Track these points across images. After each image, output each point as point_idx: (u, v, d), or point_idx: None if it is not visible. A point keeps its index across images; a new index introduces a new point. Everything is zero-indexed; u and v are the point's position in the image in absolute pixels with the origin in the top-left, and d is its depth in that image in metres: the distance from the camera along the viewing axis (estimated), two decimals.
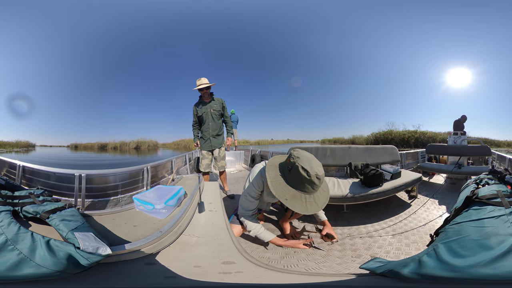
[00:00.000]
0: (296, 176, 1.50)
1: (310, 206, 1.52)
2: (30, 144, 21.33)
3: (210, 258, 1.32)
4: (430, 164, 4.68)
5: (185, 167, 5.11)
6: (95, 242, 0.99)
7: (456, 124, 5.33)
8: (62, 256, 0.86)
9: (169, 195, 1.70)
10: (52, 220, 1.05)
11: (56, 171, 2.79)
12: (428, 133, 16.48)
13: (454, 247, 0.90)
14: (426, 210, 2.87)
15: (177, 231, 1.49)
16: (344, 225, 2.51)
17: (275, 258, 1.62)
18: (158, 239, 1.30)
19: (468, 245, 0.88)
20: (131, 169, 3.37)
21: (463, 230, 0.95)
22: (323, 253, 1.78)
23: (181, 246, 1.40)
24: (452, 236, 0.95)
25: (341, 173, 3.30)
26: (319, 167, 1.49)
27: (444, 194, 3.45)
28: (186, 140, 22.19)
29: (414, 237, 2.19)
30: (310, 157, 1.53)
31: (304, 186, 1.50)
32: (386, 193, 2.64)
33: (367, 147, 3.46)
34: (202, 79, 3.32)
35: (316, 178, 1.46)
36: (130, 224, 1.47)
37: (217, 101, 3.41)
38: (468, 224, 0.97)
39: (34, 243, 0.84)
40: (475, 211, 1.02)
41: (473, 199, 1.10)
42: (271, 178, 1.58)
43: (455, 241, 0.92)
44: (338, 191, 2.60)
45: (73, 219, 1.11)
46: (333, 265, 1.54)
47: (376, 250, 1.95)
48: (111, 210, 1.78)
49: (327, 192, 1.64)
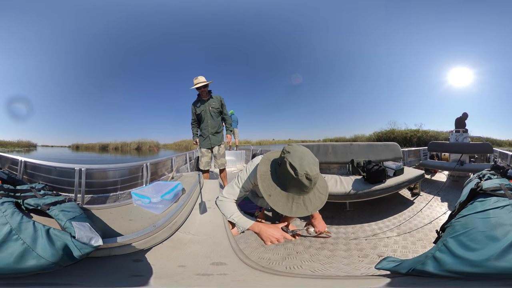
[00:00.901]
0: (284, 173, 1.31)
1: (297, 208, 1.31)
2: (32, 144, 21.36)
3: (199, 257, 1.25)
4: (432, 161, 4.67)
5: (185, 165, 5.11)
6: (89, 232, 0.99)
7: (458, 122, 5.33)
8: (59, 246, 0.86)
9: (166, 190, 1.69)
10: (52, 211, 1.07)
11: (57, 166, 2.87)
12: (430, 132, 16.41)
13: (464, 241, 0.89)
14: (429, 207, 2.85)
15: (171, 227, 1.45)
16: (347, 224, 2.48)
17: (276, 259, 1.51)
18: (151, 234, 1.28)
19: (477, 237, 0.87)
20: (130, 165, 3.40)
21: (470, 223, 0.94)
22: (328, 253, 1.69)
23: (174, 243, 1.36)
24: (459, 229, 0.94)
25: (343, 170, 3.29)
26: (311, 166, 1.27)
27: (447, 192, 3.44)
28: (187, 140, 22.16)
29: (419, 235, 2.17)
30: (303, 154, 1.32)
31: (291, 186, 1.31)
32: (390, 189, 2.62)
33: (369, 144, 3.45)
34: (199, 77, 3.32)
35: (305, 178, 1.24)
36: (126, 218, 1.45)
37: (215, 98, 3.40)
38: (474, 216, 0.96)
39: (36, 232, 0.84)
40: (480, 203, 1.01)
41: (477, 191, 1.09)
42: (261, 172, 1.42)
43: (463, 234, 0.91)
44: (341, 188, 2.58)
45: (72, 210, 1.13)
46: (340, 266, 1.42)
47: (382, 249, 1.91)
48: (109, 204, 1.77)
49: (324, 195, 1.43)
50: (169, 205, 1.65)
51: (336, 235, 2.27)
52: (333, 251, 1.76)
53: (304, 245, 1.76)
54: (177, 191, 1.81)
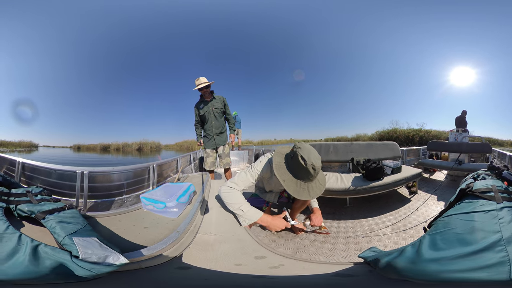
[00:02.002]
0: (295, 163, 1.63)
1: (302, 192, 1.63)
2: (33, 144, 21.38)
3: (239, 254, 1.28)
4: (431, 160, 4.71)
5: (189, 166, 5.14)
6: (101, 250, 0.86)
7: (458, 121, 5.34)
8: (48, 265, 0.76)
9: (180, 192, 1.62)
10: (48, 221, 0.95)
11: (57, 168, 2.67)
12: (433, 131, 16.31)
13: (437, 239, 0.90)
14: (425, 205, 2.94)
15: (193, 230, 1.42)
16: (347, 219, 2.64)
17: (288, 253, 1.60)
18: (178, 240, 1.20)
19: (450, 238, 0.88)
20: (135, 167, 3.28)
21: (452, 223, 0.95)
22: (330, 246, 1.84)
23: (201, 245, 1.33)
24: (440, 228, 0.95)
25: (343, 168, 3.39)
26: (316, 160, 1.61)
27: (444, 190, 3.52)
28: (188, 141, 22.23)
29: (411, 231, 2.30)
30: (310, 150, 1.65)
31: (300, 173, 1.62)
32: (387, 186, 2.74)
33: (369, 143, 3.56)
34: (201, 78, 3.29)
35: (311, 168, 1.58)
36: (140, 226, 1.35)
37: (218, 99, 3.39)
38: (457, 217, 0.96)
39: (17, 247, 0.75)
40: (467, 204, 1.01)
41: (466, 192, 1.09)
42: (276, 162, 1.71)
43: (440, 233, 0.92)
44: (341, 185, 2.71)
45: (72, 221, 1.01)
46: (339, 259, 1.68)
47: (375, 244, 2.05)
48: (116, 211, 1.69)
49: (323, 186, 1.73)
50: (183, 208, 1.61)
51: (337, 230, 2.42)
52: (334, 245, 1.91)
53: (309, 239, 1.89)
54: (191, 192, 1.78)
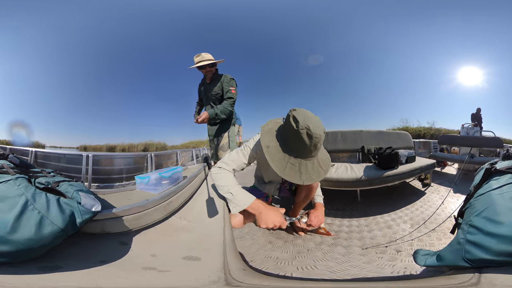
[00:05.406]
0: (286, 127, 1.20)
1: (290, 170, 1.15)
2: (40, 145, 21.70)
3: (176, 248, 1.14)
4: (442, 154, 4.67)
5: (192, 162, 5.06)
6: (93, 201, 1.13)
7: (473, 117, 5.41)
8: (68, 213, 0.93)
9: (165, 170, 1.80)
10: (61, 186, 1.17)
11: (66, 153, 3.16)
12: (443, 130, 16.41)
13: (489, 216, 0.86)
14: (441, 198, 2.76)
15: (166, 208, 1.41)
16: (360, 216, 2.38)
17: (286, 258, 1.38)
18: (143, 209, 1.28)
19: (500, 210, 0.84)
20: (135, 154, 3.58)
21: (489, 199, 0.92)
22: (342, 250, 1.55)
23: (166, 228, 1.33)
24: (479, 207, 0.91)
25: (352, 159, 3.21)
26: (315, 125, 1.13)
27: (457, 184, 3.36)
28: (194, 142, 22.20)
29: (432, 226, 2.09)
30: (309, 114, 1.20)
31: (291, 142, 1.17)
32: (403, 176, 2.55)
33: (380, 131, 3.37)
34: (203, 54, 2.50)
35: (306, 134, 1.10)
36: (126, 198, 1.54)
37: (218, 81, 2.59)
38: (491, 193, 0.94)
39: (48, 202, 0.92)
40: (495, 181, 0.99)
41: (491, 171, 1.08)
42: (265, 129, 1.32)
43: (485, 211, 0.88)
44: (352, 174, 2.50)
45: (79, 186, 1.27)
46: (360, 264, 1.27)
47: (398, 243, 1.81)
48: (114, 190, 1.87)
49: (324, 171, 1.25)
50: (167, 188, 1.63)
51: (349, 229, 2.17)
52: (347, 248, 1.62)
53: (315, 242, 1.64)
54: (177, 173, 1.82)
